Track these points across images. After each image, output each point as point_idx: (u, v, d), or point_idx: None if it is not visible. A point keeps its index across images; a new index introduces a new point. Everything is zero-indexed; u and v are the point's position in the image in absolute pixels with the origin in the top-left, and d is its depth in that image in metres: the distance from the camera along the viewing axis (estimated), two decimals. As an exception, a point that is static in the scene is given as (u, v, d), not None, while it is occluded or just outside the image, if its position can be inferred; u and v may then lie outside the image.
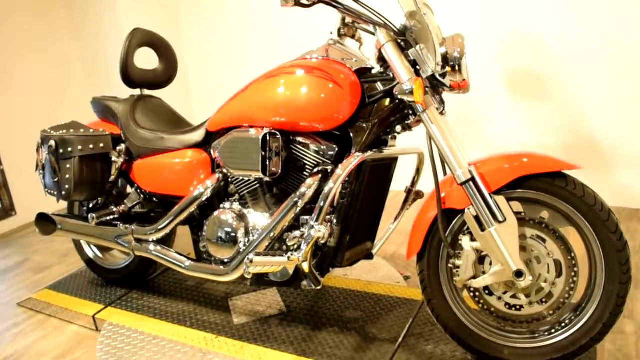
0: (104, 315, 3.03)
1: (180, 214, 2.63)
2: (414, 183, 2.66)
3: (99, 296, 3.27)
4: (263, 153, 2.26)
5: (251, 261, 2.16)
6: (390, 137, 2.31)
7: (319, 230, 2.13)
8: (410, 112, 2.22)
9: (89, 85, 5.47)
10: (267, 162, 2.26)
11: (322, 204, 2.17)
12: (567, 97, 4.11)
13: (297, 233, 2.28)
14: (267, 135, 2.25)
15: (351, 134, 2.23)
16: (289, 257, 2.16)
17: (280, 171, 2.29)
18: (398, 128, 2.25)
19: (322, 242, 2.13)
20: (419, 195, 2.67)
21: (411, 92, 2.03)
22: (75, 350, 2.76)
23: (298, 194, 2.28)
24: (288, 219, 2.32)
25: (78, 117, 5.27)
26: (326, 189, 2.17)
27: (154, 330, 2.81)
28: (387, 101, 2.22)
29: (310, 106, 2.17)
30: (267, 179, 2.33)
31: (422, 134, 4.06)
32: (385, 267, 3.30)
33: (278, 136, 2.28)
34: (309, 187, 2.27)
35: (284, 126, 2.29)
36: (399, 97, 2.07)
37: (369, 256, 2.55)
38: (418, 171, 2.63)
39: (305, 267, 2.17)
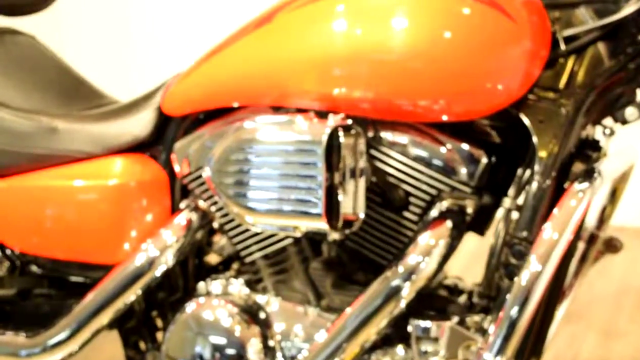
0: None
1: (104, 309, 1.65)
2: (602, 221, 1.70)
3: None
4: (330, 176, 1.35)
5: None
6: (606, 132, 1.47)
7: None
8: None
9: None
10: (340, 197, 1.35)
11: (516, 303, 1.25)
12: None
13: None
14: (337, 132, 1.34)
15: (530, 128, 1.35)
16: None
17: (362, 215, 1.41)
18: (630, 112, 1.38)
19: None
20: (613, 246, 1.69)
21: None
22: None
23: (401, 267, 1.37)
24: (377, 327, 1.38)
25: None
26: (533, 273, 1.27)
27: None
28: (604, 48, 1.38)
29: (438, 66, 1.37)
30: (334, 235, 1.41)
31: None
32: None
33: (360, 133, 1.39)
34: (427, 251, 1.35)
35: (359, 110, 1.40)
36: None
37: None
38: (614, 197, 1.68)
39: None
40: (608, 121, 1.45)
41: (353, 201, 1.35)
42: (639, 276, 2.66)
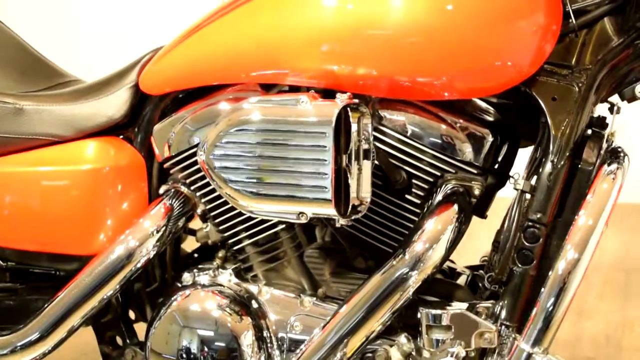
0: None
1: (80, 306, 1.53)
2: None
3: None
4: (339, 159, 1.25)
5: None
6: (614, 109, 1.41)
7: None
8: None
9: None
10: (348, 181, 1.27)
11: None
12: None
13: None
14: (347, 112, 1.25)
15: (543, 106, 1.29)
16: None
17: (369, 200, 1.32)
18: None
19: None
20: None
21: None
22: None
23: (408, 254, 1.28)
24: (383, 317, 1.30)
25: None
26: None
27: None
28: (614, 23, 1.33)
29: (445, 42, 1.31)
30: (342, 221, 1.30)
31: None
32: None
33: (367, 112, 1.30)
34: (434, 238, 1.28)
35: (360, 87, 1.33)
36: None
37: None
38: None
39: None
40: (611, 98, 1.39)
41: (360, 185, 1.27)
42: (605, 253, 2.63)
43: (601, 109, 1.40)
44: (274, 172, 1.27)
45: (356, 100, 1.25)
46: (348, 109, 1.22)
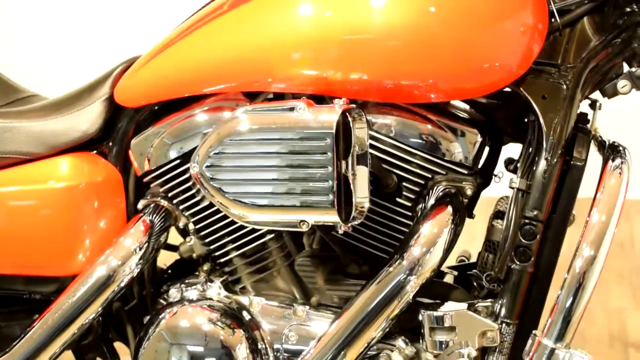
0: None
1: (63, 331, 1.46)
2: None
3: None
4: (339, 165, 1.24)
5: None
6: (596, 105, 1.42)
7: None
8: None
9: None
10: (350, 187, 1.27)
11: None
12: None
13: None
14: (346, 117, 1.25)
15: (533, 105, 1.29)
16: None
17: (367, 205, 1.32)
18: (622, 85, 1.33)
19: None
20: None
21: None
22: None
23: (406, 260, 1.27)
24: (383, 323, 1.29)
25: None
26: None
27: None
28: (595, 21, 1.34)
29: (434, 45, 1.31)
30: (344, 228, 1.28)
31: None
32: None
33: (363, 116, 1.29)
34: (431, 242, 1.28)
35: (349, 92, 1.32)
36: None
37: None
38: None
39: None
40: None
41: (360, 190, 1.26)
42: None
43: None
44: (274, 181, 1.24)
45: (353, 105, 1.23)
46: (347, 114, 1.20)
